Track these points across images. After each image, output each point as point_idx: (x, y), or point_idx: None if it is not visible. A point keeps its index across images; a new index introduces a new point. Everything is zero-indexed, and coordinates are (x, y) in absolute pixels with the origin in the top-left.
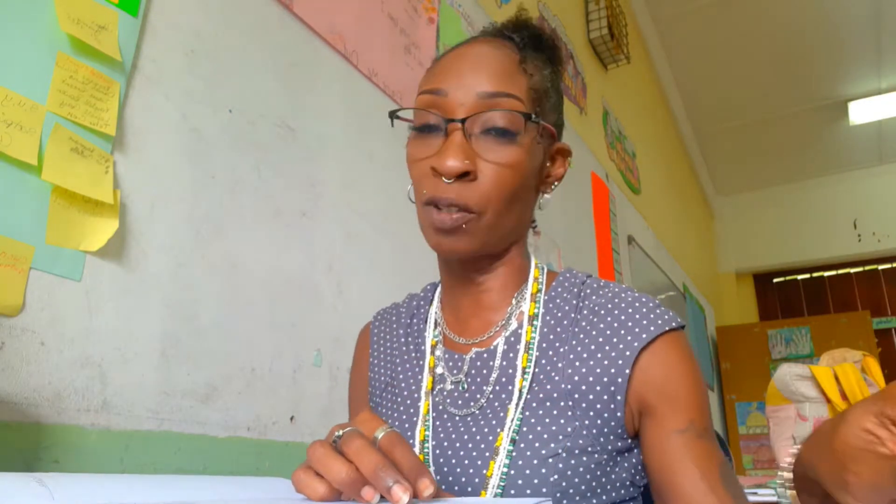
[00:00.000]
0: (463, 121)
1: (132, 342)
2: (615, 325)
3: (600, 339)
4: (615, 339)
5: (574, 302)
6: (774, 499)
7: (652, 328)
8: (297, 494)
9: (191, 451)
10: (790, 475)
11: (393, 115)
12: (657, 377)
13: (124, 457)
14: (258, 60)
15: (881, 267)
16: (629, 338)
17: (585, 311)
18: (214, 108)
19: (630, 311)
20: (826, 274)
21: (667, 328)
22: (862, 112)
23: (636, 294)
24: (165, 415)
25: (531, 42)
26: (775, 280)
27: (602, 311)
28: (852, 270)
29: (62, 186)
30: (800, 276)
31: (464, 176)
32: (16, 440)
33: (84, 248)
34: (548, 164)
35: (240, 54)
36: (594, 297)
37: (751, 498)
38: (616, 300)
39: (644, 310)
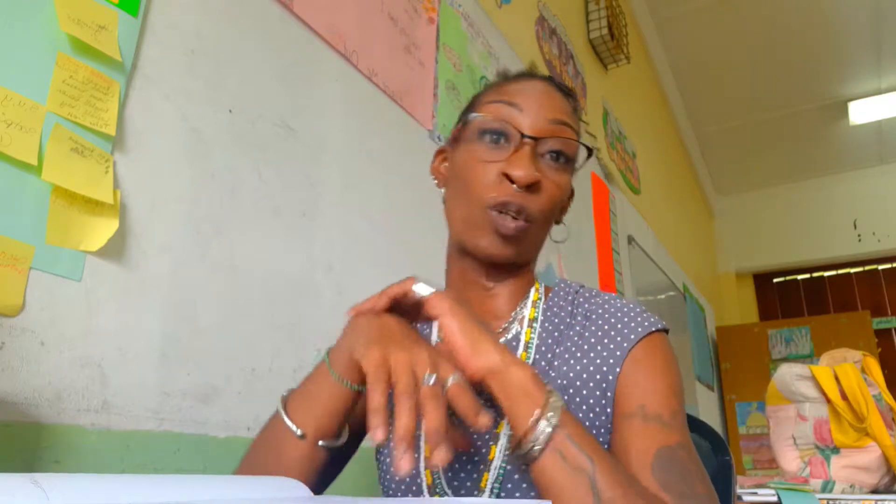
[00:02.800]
0: (536, 138)
1: (132, 342)
2: (606, 327)
3: (593, 341)
4: (606, 341)
5: (569, 308)
6: (774, 499)
7: (639, 329)
8: (296, 494)
9: (191, 451)
10: None
11: (465, 116)
12: (631, 372)
13: (124, 457)
14: (258, 60)
15: (881, 267)
16: (619, 338)
17: (579, 317)
18: (214, 108)
19: (619, 315)
20: (826, 274)
21: (652, 329)
22: (862, 112)
23: (624, 301)
24: (165, 415)
25: (574, 98)
26: (775, 280)
27: (594, 317)
28: (852, 270)
29: (62, 186)
30: (800, 276)
31: (531, 187)
32: (16, 440)
33: (84, 248)
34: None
35: (240, 54)
36: (587, 305)
37: (750, 498)
38: (606, 306)
39: (632, 314)
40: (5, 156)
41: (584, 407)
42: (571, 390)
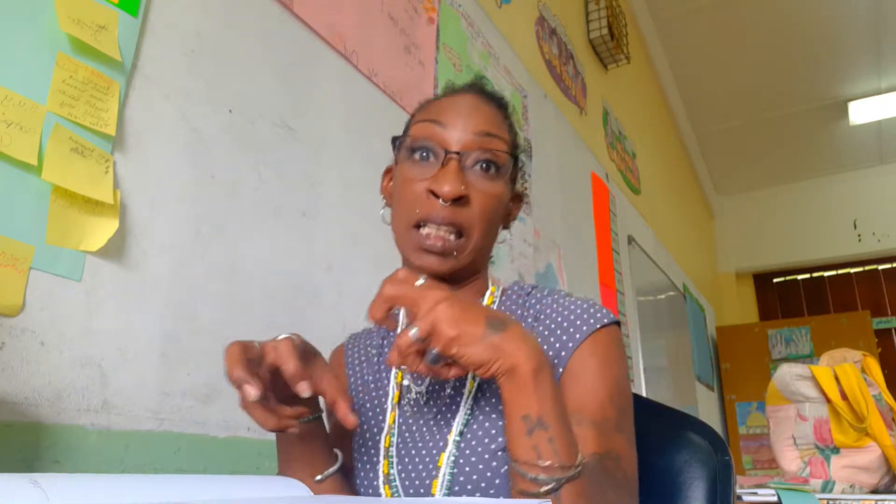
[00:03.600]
0: (459, 154)
1: (132, 342)
2: (553, 326)
3: (539, 341)
4: (553, 340)
5: (519, 312)
6: (774, 499)
7: (584, 328)
8: (296, 494)
9: (191, 451)
10: None
11: (395, 140)
12: (572, 372)
13: (124, 457)
14: (258, 60)
15: (881, 267)
16: (564, 337)
17: (529, 319)
18: (214, 108)
19: (566, 313)
20: (826, 274)
21: (597, 326)
22: (862, 112)
23: (573, 298)
24: (165, 415)
25: (505, 107)
26: (775, 280)
27: (542, 316)
28: (852, 270)
29: (62, 186)
30: (800, 276)
31: (458, 200)
32: (16, 440)
33: (84, 248)
34: (510, 205)
35: (240, 54)
36: (537, 306)
37: (750, 498)
38: (555, 305)
39: (578, 311)
40: (5, 156)
41: None
42: None
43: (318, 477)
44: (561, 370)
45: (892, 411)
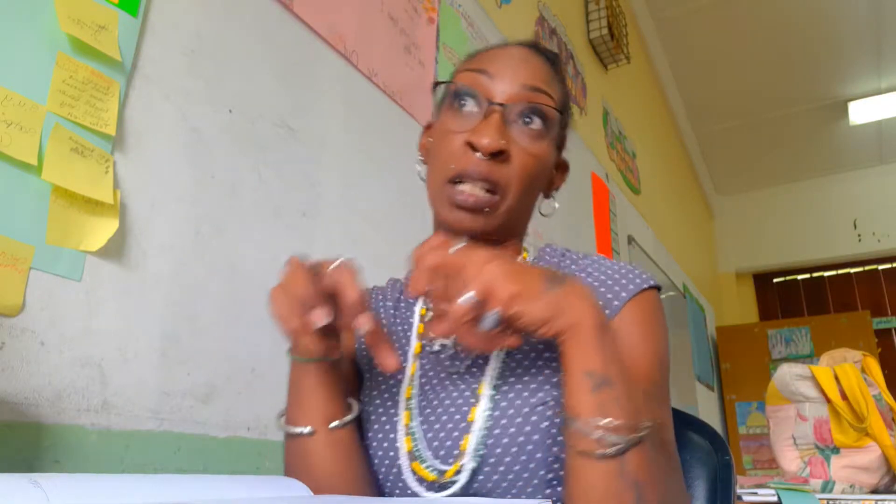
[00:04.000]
0: (504, 105)
1: (132, 342)
2: (596, 284)
3: None
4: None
5: None
6: (774, 499)
7: (631, 287)
8: (296, 494)
9: (191, 451)
10: None
11: (436, 85)
12: (620, 331)
13: (124, 457)
14: (258, 60)
15: (881, 267)
16: (609, 295)
17: None
18: (214, 108)
19: (610, 272)
20: (826, 274)
21: (644, 287)
22: (862, 112)
23: (612, 261)
24: (165, 415)
25: (557, 64)
26: (775, 280)
27: (583, 274)
28: (852, 270)
29: (62, 186)
30: (800, 276)
31: (497, 155)
32: (16, 440)
33: (84, 248)
34: (554, 172)
35: (240, 54)
36: (573, 267)
37: (750, 498)
38: (596, 265)
39: (623, 271)
40: (5, 156)
41: None
42: (555, 354)
43: (334, 423)
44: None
45: (892, 411)
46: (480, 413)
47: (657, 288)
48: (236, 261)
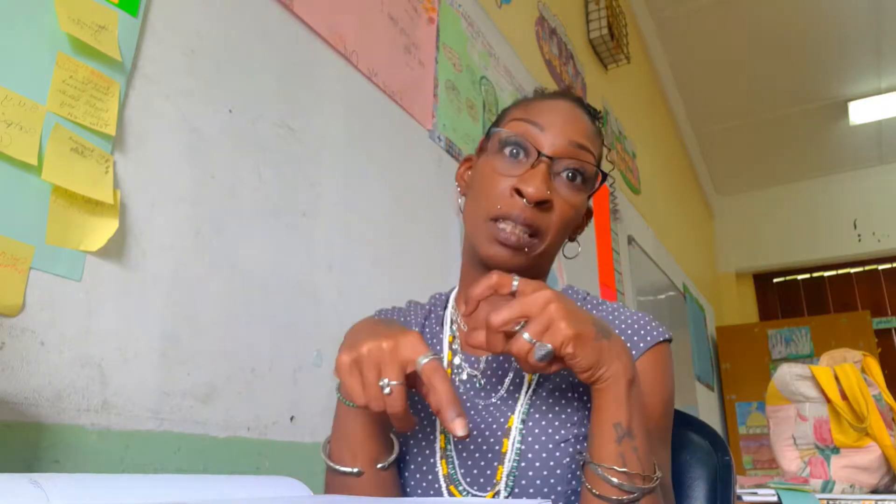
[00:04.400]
0: (552, 158)
1: (132, 342)
2: (616, 333)
3: None
4: None
5: None
6: (774, 499)
7: (648, 338)
8: (295, 493)
9: (191, 451)
10: None
11: (491, 130)
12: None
13: (124, 457)
14: (258, 60)
15: (881, 267)
16: (628, 345)
17: None
18: (214, 108)
19: (630, 322)
20: (826, 274)
21: (660, 339)
22: (862, 112)
23: (631, 311)
24: (165, 415)
25: (598, 119)
26: (775, 280)
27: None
28: (852, 270)
29: (62, 186)
30: (800, 276)
31: (541, 204)
32: (16, 440)
33: (84, 248)
34: (582, 218)
35: (240, 54)
36: (594, 312)
37: (750, 498)
38: (616, 313)
39: (641, 322)
40: (5, 156)
41: (587, 412)
42: (582, 387)
43: (382, 464)
44: None
45: (892, 411)
46: (511, 444)
47: (670, 341)
48: (236, 261)
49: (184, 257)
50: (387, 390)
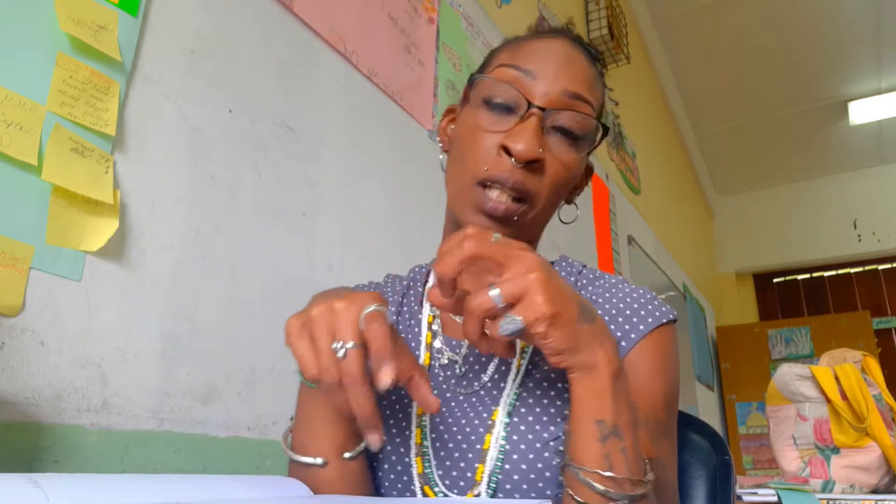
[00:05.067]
0: (544, 110)
1: (132, 342)
2: (613, 312)
3: None
4: (613, 328)
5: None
6: (774, 499)
7: (649, 320)
8: (295, 493)
9: (191, 451)
10: None
11: (473, 76)
12: (633, 365)
13: (124, 457)
14: (258, 60)
15: (881, 267)
16: (627, 327)
17: None
18: (214, 108)
19: (628, 300)
20: (826, 274)
21: (664, 320)
22: (862, 112)
23: (633, 286)
24: (165, 415)
25: (600, 62)
26: (775, 280)
27: (601, 300)
28: (852, 270)
29: (62, 186)
30: (800, 276)
31: (532, 163)
32: (16, 440)
33: (84, 248)
34: (580, 177)
35: (240, 54)
36: (590, 288)
37: (750, 498)
38: (614, 290)
39: (642, 301)
40: (5, 156)
41: None
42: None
43: (349, 454)
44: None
45: (892, 411)
46: (495, 441)
47: (675, 321)
48: (236, 261)
49: (184, 257)
50: (340, 352)
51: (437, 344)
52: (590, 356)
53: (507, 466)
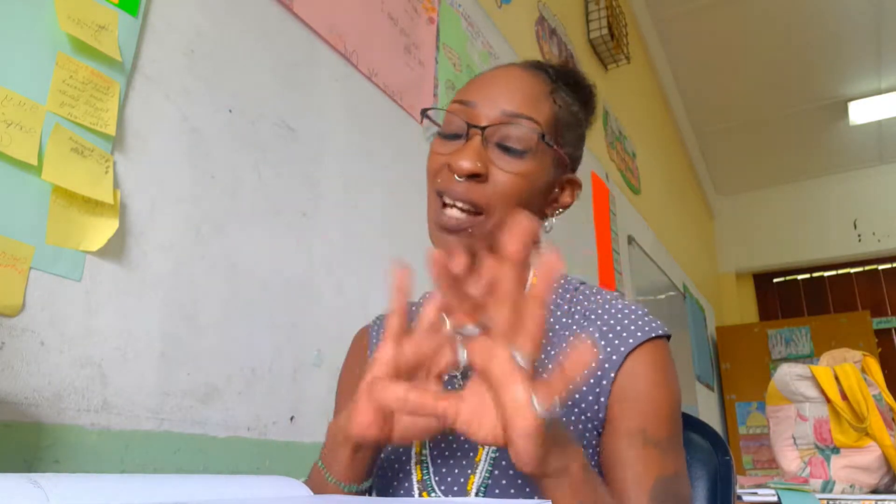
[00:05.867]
0: (482, 129)
1: (132, 342)
2: (605, 329)
3: (594, 338)
4: (604, 343)
5: (566, 307)
6: (774, 499)
7: (639, 334)
8: (295, 493)
9: (191, 451)
10: None
11: (424, 112)
12: (630, 381)
13: (124, 457)
14: (258, 60)
15: (881, 267)
16: (617, 342)
17: (577, 316)
18: (214, 108)
19: (619, 316)
20: (826, 274)
21: (652, 335)
22: (862, 112)
23: (626, 302)
24: (165, 415)
25: (568, 81)
26: (775, 280)
27: (593, 317)
28: (852, 270)
29: (62, 186)
30: (800, 276)
31: (474, 177)
32: (16, 440)
33: (84, 248)
34: (556, 190)
35: (240, 54)
36: (586, 303)
37: (750, 498)
38: (607, 306)
39: (633, 317)
40: (5, 156)
41: (577, 410)
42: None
43: (359, 486)
44: (613, 374)
45: (892, 411)
46: (486, 453)
47: (668, 337)
48: (236, 261)
49: (184, 257)
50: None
51: None
52: (560, 461)
53: (496, 472)
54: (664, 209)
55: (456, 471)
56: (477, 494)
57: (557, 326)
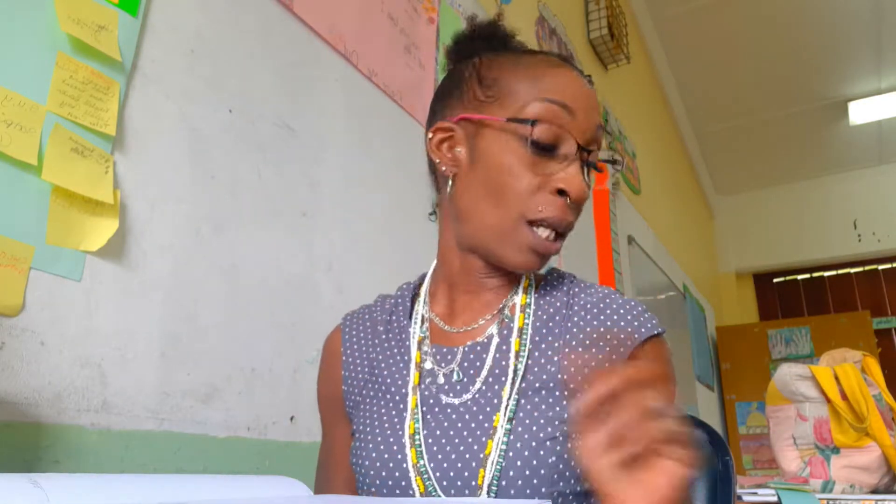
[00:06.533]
0: (590, 151)
1: (132, 342)
2: (608, 324)
3: (594, 336)
4: (609, 337)
5: (564, 299)
6: (774, 499)
7: (642, 330)
8: (295, 493)
9: (191, 451)
10: None
11: (515, 120)
12: None
13: (124, 457)
14: (258, 60)
15: (881, 267)
16: (622, 336)
17: (576, 308)
18: (214, 108)
19: (622, 312)
20: (826, 274)
21: (655, 332)
22: (862, 112)
23: (624, 298)
24: (165, 415)
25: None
26: (775, 280)
27: (595, 310)
28: (852, 270)
29: (62, 186)
30: (800, 276)
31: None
32: (16, 440)
33: (84, 248)
34: None
35: (240, 54)
36: (583, 296)
37: (750, 498)
38: (607, 301)
39: (634, 313)
40: (5, 156)
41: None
42: (558, 388)
43: None
44: None
45: (892, 411)
46: (496, 447)
47: (662, 334)
48: (236, 261)
49: (184, 257)
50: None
51: (429, 365)
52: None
53: (505, 464)
54: (664, 209)
55: (459, 465)
56: (489, 492)
57: (557, 317)
